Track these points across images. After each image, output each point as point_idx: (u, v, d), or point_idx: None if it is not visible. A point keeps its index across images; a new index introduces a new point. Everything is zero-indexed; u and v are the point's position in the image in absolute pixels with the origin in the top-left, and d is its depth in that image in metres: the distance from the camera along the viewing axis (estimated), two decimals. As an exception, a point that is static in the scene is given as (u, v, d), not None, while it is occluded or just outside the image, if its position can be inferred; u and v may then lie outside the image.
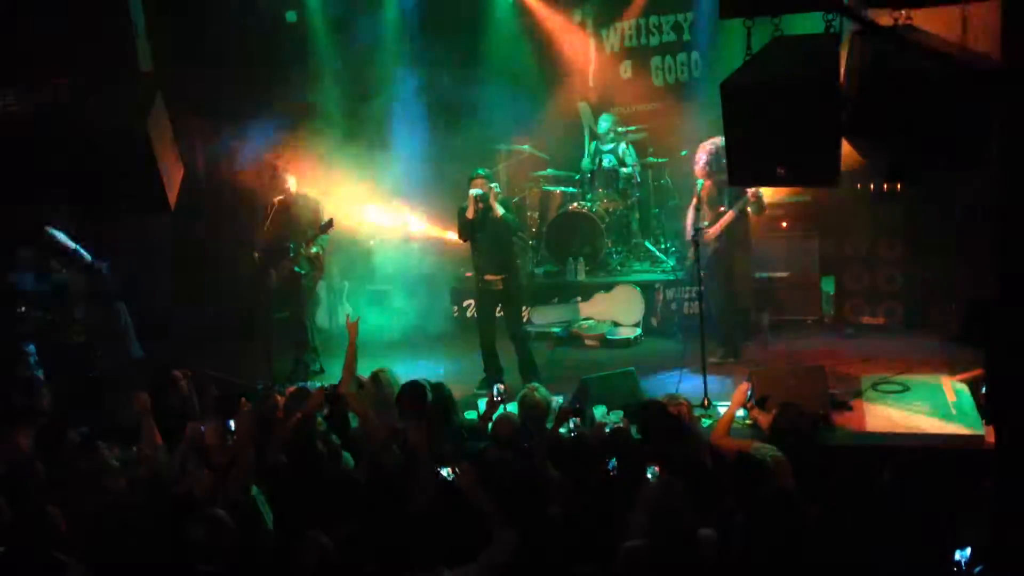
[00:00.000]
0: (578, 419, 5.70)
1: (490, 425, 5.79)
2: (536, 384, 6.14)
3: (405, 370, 7.05)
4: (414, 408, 5.69)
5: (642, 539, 4.12)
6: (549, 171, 10.78)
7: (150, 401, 5.90)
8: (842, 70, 4.63)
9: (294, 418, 5.53)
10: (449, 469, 4.62)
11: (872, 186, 8.70)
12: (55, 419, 6.17)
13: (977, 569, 4.11)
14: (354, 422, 6.04)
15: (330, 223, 8.44)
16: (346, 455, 5.44)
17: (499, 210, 7.77)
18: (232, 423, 5.96)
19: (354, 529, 4.42)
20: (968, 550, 4.20)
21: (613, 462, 5.11)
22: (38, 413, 6.16)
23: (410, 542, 4.07)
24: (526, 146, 10.75)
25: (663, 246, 10.39)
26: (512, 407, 6.16)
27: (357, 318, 6.39)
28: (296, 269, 8.68)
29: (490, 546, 4.18)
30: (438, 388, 6.15)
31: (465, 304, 10.03)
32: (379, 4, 10.67)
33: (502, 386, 6.20)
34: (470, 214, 7.81)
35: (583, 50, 11.41)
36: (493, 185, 7.86)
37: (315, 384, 7.48)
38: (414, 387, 5.87)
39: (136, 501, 4.85)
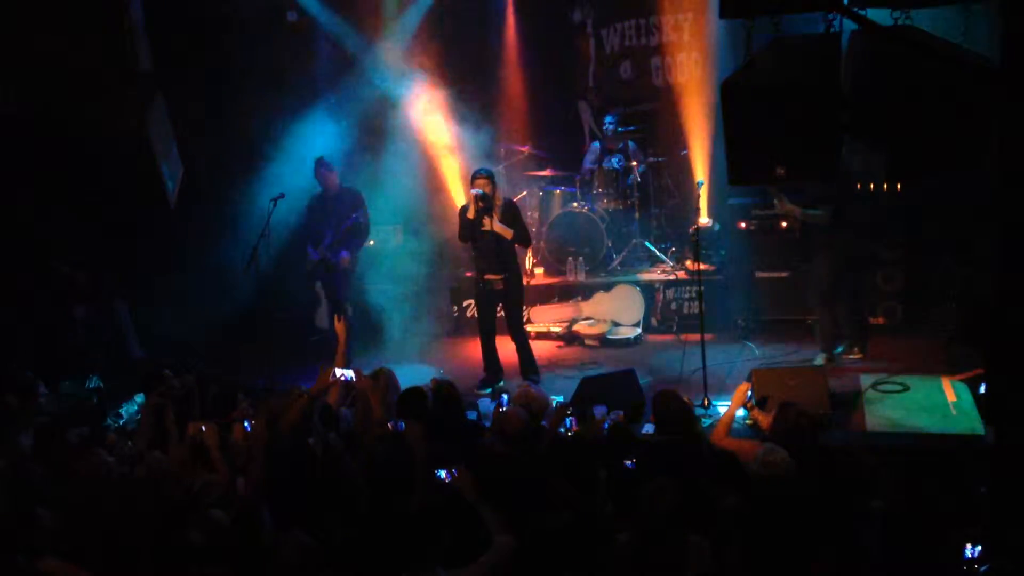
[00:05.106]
0: (575, 418, 5.70)
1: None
2: (530, 382, 6.15)
3: (405, 370, 7.06)
4: (413, 414, 5.71)
5: (630, 536, 4.11)
6: (549, 171, 10.77)
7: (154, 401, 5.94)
8: (842, 70, 4.63)
9: (291, 412, 5.56)
10: (446, 471, 4.61)
11: (872, 186, 8.69)
12: (54, 419, 6.17)
13: (983, 568, 4.11)
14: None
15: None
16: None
17: (508, 232, 7.76)
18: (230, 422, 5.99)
19: (352, 530, 4.42)
20: (978, 548, 4.19)
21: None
22: (37, 413, 6.15)
23: (406, 542, 4.07)
24: (526, 146, 10.74)
25: (663, 246, 10.39)
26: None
27: (343, 318, 6.44)
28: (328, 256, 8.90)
29: (489, 550, 4.18)
30: (445, 387, 6.15)
31: (465, 304, 10.02)
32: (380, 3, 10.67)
33: (506, 397, 6.23)
34: (471, 214, 7.79)
35: (583, 50, 11.42)
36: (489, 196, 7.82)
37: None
38: (414, 393, 5.88)
39: (135, 501, 4.84)
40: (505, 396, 6.25)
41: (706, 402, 7.18)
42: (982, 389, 6.67)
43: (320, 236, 8.97)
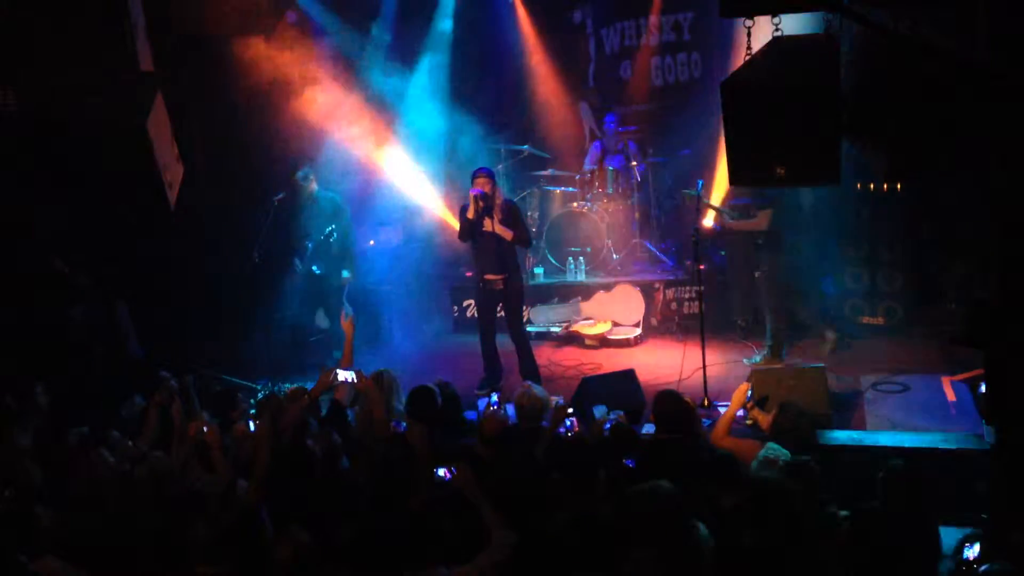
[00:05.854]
0: (576, 418, 5.71)
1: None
2: (531, 383, 6.15)
3: (404, 370, 7.06)
4: (424, 413, 5.71)
5: (649, 546, 4.09)
6: (549, 171, 10.78)
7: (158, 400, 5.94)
8: (842, 70, 4.63)
9: (292, 411, 5.57)
10: (445, 469, 4.62)
11: (872, 186, 8.70)
12: (54, 419, 6.17)
13: (983, 568, 4.11)
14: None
15: None
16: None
17: (509, 233, 7.74)
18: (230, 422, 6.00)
19: (352, 529, 4.42)
20: (976, 547, 4.20)
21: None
22: (36, 413, 6.15)
23: (407, 541, 4.07)
24: (526, 146, 10.75)
25: (663, 246, 10.40)
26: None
27: (351, 316, 6.42)
28: (314, 269, 8.75)
29: (489, 546, 4.19)
30: (445, 387, 6.16)
31: (465, 304, 10.03)
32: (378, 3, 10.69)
33: (496, 396, 6.23)
34: (471, 214, 7.77)
35: (583, 50, 11.42)
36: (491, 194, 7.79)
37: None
38: (424, 392, 5.89)
39: (135, 501, 4.84)
40: (495, 396, 6.25)
41: (706, 402, 7.18)
42: (982, 389, 6.68)
43: (303, 247, 8.92)
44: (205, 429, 5.36)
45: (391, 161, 10.21)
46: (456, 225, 8.24)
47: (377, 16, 10.62)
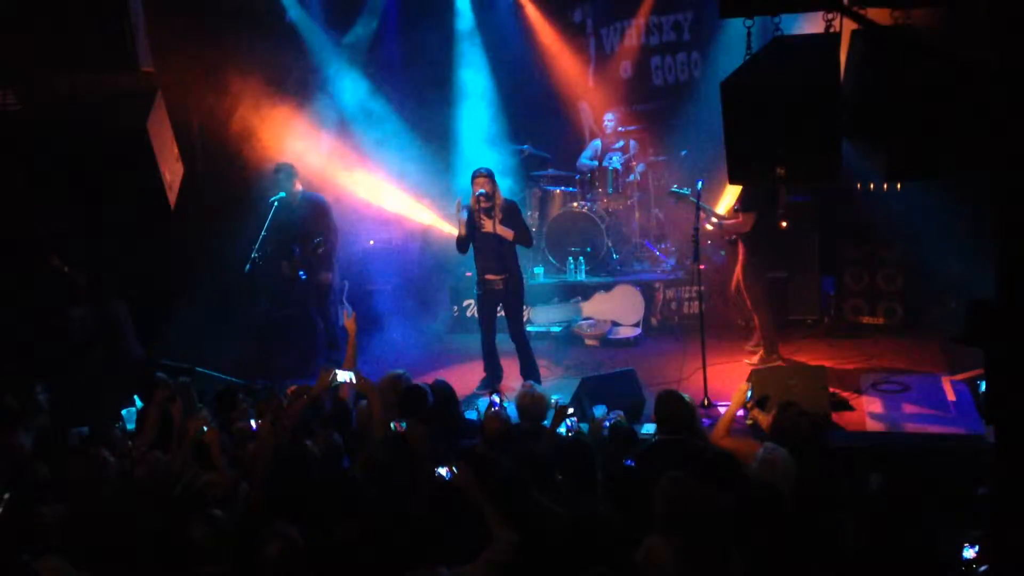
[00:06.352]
0: (576, 418, 5.71)
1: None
2: (533, 383, 6.15)
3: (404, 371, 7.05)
4: (415, 412, 5.72)
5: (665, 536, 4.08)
6: (549, 171, 10.78)
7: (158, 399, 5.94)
8: (842, 70, 4.63)
9: (293, 411, 5.57)
10: (446, 468, 4.62)
11: (872, 186, 8.71)
12: (54, 419, 6.17)
13: (982, 568, 4.11)
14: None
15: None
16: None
17: (509, 233, 7.73)
18: (233, 422, 6.00)
19: (352, 529, 4.42)
20: (976, 548, 4.20)
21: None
22: (37, 413, 6.16)
23: (408, 541, 4.07)
24: (526, 146, 10.74)
25: (663, 246, 10.39)
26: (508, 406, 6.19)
27: (354, 314, 6.42)
28: (300, 274, 8.74)
29: (490, 546, 4.19)
30: (441, 387, 6.16)
31: (465, 304, 10.03)
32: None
33: (498, 397, 6.22)
34: (462, 231, 7.74)
35: (583, 50, 11.42)
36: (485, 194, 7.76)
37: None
38: (414, 391, 5.89)
39: (135, 501, 4.84)
40: (496, 396, 6.25)
41: (706, 402, 7.19)
42: (982, 389, 6.68)
43: (289, 250, 8.84)
44: (205, 429, 5.36)
45: (389, 162, 10.21)
46: (454, 231, 8.24)
47: (377, 16, 10.63)
